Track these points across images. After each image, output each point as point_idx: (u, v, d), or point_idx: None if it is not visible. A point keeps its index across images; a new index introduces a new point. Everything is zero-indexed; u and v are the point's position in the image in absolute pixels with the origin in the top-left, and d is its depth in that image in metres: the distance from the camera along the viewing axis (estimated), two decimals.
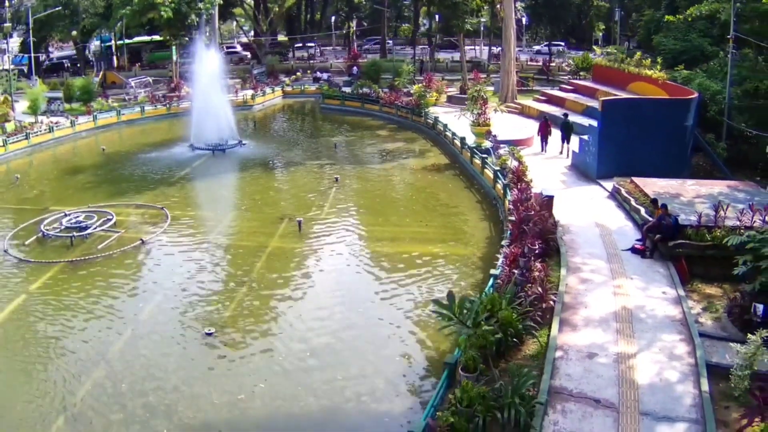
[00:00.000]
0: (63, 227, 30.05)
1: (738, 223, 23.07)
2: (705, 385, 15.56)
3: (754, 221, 22.79)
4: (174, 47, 70.89)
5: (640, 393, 15.58)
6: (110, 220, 30.93)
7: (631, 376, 16.24)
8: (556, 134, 40.80)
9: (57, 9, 73.70)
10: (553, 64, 77.27)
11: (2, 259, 27.44)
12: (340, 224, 31.44)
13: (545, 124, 41.03)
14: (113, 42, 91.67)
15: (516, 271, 19.47)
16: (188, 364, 19.37)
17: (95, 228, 30.02)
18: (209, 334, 20.55)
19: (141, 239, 28.77)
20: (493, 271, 20.72)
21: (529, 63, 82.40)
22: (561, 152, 39.59)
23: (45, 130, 50.84)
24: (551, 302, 19.13)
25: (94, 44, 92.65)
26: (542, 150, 40.52)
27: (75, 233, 29.25)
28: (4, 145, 46.39)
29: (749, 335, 15.89)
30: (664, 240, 23.10)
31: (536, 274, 19.38)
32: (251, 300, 23.53)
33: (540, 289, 18.78)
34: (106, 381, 18.38)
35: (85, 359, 19.61)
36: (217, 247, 29.13)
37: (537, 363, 16.52)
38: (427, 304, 21.20)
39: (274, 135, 57.69)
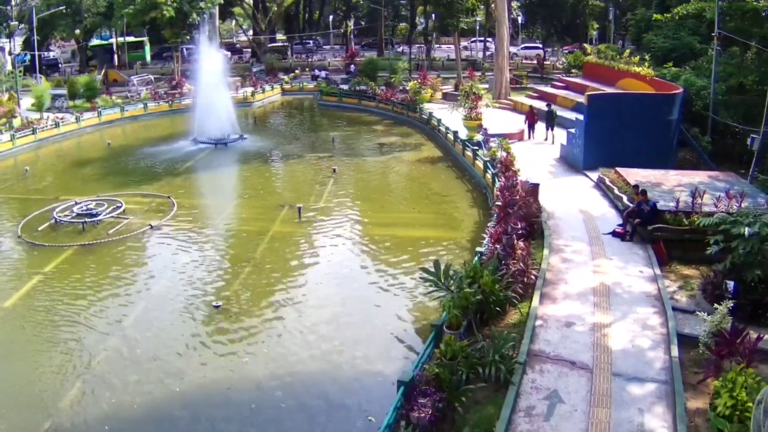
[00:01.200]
0: (74, 214, 31.54)
1: (714, 208, 24.01)
2: (675, 352, 16.85)
3: (731, 207, 23.79)
4: (147, 48, 72.12)
5: (614, 357, 16.94)
6: (119, 207, 32.49)
7: (605, 343, 17.64)
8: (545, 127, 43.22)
9: (60, 9, 74.94)
10: (547, 63, 78.71)
11: (17, 243, 29.01)
12: (338, 211, 33.10)
13: (531, 114, 44.23)
14: (114, 41, 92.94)
15: (498, 246, 20.99)
16: (197, 333, 20.98)
17: (105, 215, 31.58)
18: (216, 307, 22.22)
19: (150, 224, 30.33)
20: (478, 249, 22.23)
21: (523, 62, 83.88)
22: (546, 138, 42.59)
23: (51, 125, 52.32)
24: (532, 277, 20.61)
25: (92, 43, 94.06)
26: (529, 137, 43.29)
27: (86, 220, 30.75)
28: (12, 140, 47.77)
29: (716, 305, 17.41)
30: (643, 224, 24.38)
31: (519, 252, 20.81)
32: (255, 277, 25.23)
33: (522, 265, 20.25)
34: (123, 347, 20.03)
35: (101, 329, 21.22)
36: (222, 231, 30.97)
37: (518, 330, 17.97)
38: (418, 282, 22.67)
39: (274, 130, 59.24)
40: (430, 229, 29.59)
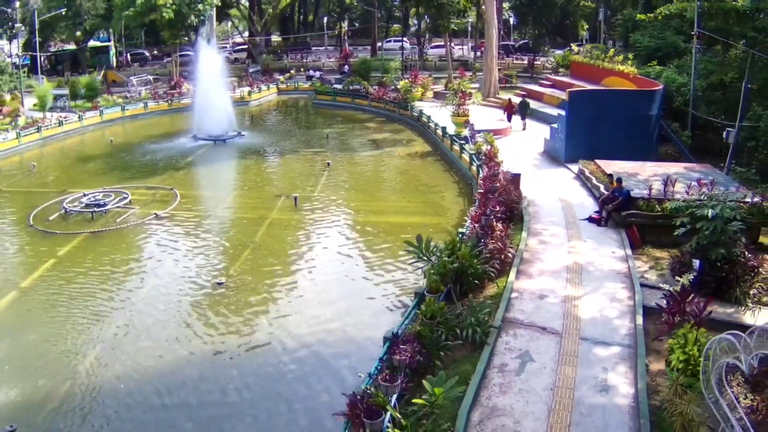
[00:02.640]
0: (83, 204, 33.32)
1: (686, 196, 25.30)
2: (639, 320, 18.49)
3: (701, 194, 24.97)
4: (112, 53, 73.68)
5: (582, 324, 18.67)
6: (126, 198, 34.32)
7: (575, 312, 19.37)
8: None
9: (62, 11, 76.41)
10: (538, 62, 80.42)
11: (30, 231, 30.77)
12: (331, 200, 35.13)
13: (510, 106, 48.20)
14: (113, 43, 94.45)
15: (477, 225, 22.82)
16: (203, 305, 22.97)
17: (113, 205, 33.38)
18: (220, 284, 24.18)
19: (155, 213, 32.14)
20: (460, 230, 24.04)
21: (514, 62, 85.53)
22: (523, 128, 46.93)
23: (55, 123, 54.02)
24: (510, 255, 22.36)
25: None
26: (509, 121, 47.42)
27: (95, 209, 32.54)
28: (17, 138, 49.46)
29: (677, 277, 19.22)
30: (617, 210, 26.11)
31: (498, 232, 22.55)
32: (255, 258, 27.23)
33: (500, 244, 21.98)
34: (134, 319, 21.96)
35: (114, 304, 23.17)
36: (223, 218, 33.07)
37: (495, 301, 19.67)
38: (405, 262, 24.56)
39: (271, 127, 61.14)
40: (418, 216, 31.53)
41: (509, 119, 47.96)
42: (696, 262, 20.43)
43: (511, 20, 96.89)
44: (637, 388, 15.37)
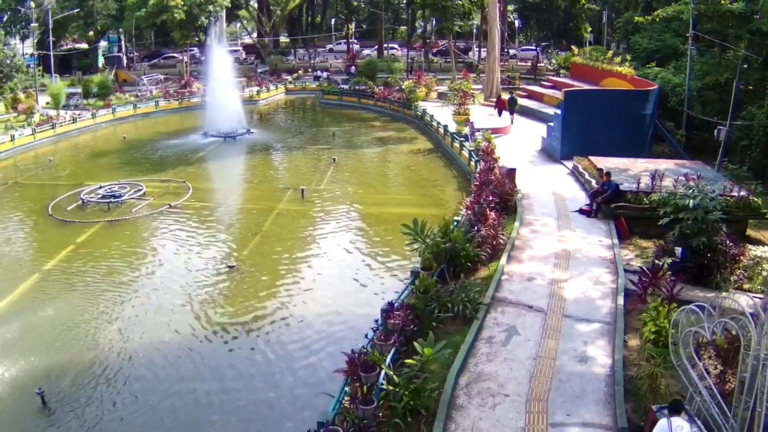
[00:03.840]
0: (100, 196, 34.98)
1: (673, 189, 26.08)
2: (620, 300, 19.89)
3: (687, 187, 26.65)
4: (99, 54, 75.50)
5: (566, 303, 20.16)
6: (140, 190, 36.02)
7: (560, 293, 20.87)
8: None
9: (75, 11, 78.01)
10: (541, 64, 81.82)
11: (49, 220, 32.39)
12: (337, 193, 36.88)
13: (501, 103, 50.72)
14: (123, 43, 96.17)
15: (470, 213, 24.37)
16: (215, 286, 24.74)
17: (128, 196, 35.04)
18: (231, 267, 25.86)
19: (168, 204, 33.82)
20: (455, 218, 25.55)
21: (518, 63, 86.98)
22: (510, 122, 49.39)
23: (69, 120, 55.75)
24: (501, 241, 23.90)
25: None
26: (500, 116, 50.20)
27: (111, 200, 34.22)
28: (33, 134, 51.17)
29: (657, 261, 20.73)
30: (606, 202, 27.55)
31: (490, 220, 24.06)
32: (263, 244, 28.97)
33: (492, 231, 23.52)
34: (152, 297, 23.74)
35: (132, 285, 24.87)
36: (233, 209, 35.10)
37: (486, 283, 21.21)
38: (404, 248, 26.12)
39: (279, 125, 62.95)
40: (418, 208, 33.11)
41: (500, 114, 50.41)
42: (678, 250, 21.70)
43: (516, 23, 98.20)
44: (614, 359, 16.76)
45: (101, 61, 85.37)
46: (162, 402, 17.68)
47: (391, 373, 14.54)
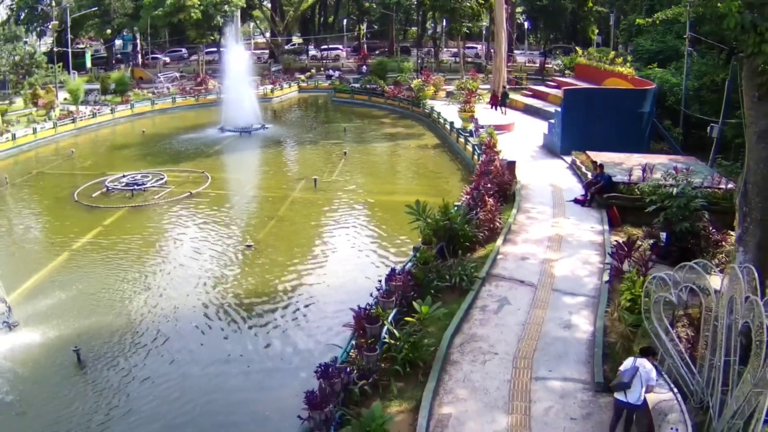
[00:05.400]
0: (123, 184, 37.15)
1: (663, 181, 27.91)
2: (606, 277, 21.62)
3: (675, 178, 27.44)
4: (88, 55, 77.57)
5: (555, 279, 21.98)
6: (162, 178, 38.21)
7: (551, 271, 22.68)
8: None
9: (93, 9, 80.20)
10: (549, 65, 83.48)
11: (76, 205, 34.62)
12: (347, 183, 39.12)
13: (495, 96, 54.44)
14: (139, 41, 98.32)
15: (469, 197, 26.32)
16: (235, 263, 27.03)
17: (150, 184, 37.19)
18: (249, 246, 28.04)
19: (189, 192, 36.00)
20: (456, 203, 27.43)
21: (527, 64, 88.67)
22: (503, 113, 52.54)
23: (89, 115, 58.08)
24: (498, 225, 25.78)
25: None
26: (494, 109, 54.46)
27: (134, 187, 36.36)
28: (54, 127, 53.47)
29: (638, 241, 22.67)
30: (599, 192, 29.27)
31: (489, 206, 25.95)
32: (279, 227, 31.39)
33: (490, 215, 25.43)
34: (175, 271, 26.07)
35: (157, 262, 27.13)
36: (250, 197, 37.49)
37: (483, 261, 23.15)
38: (408, 231, 28.00)
39: (292, 121, 65.49)
40: (423, 197, 34.08)
41: (495, 108, 54.13)
42: (663, 235, 23.47)
43: (526, 25, 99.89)
44: (595, 327, 18.58)
45: (89, 62, 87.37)
46: (187, 357, 19.77)
47: (393, 328, 16.52)
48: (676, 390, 13.99)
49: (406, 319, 17.31)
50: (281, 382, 18.65)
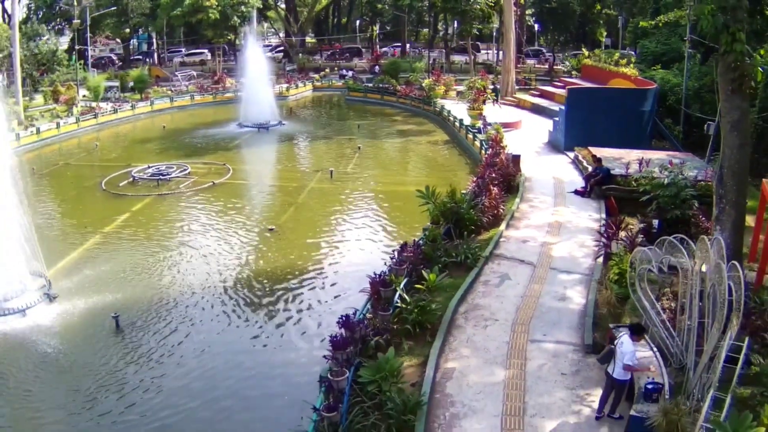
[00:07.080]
0: (149, 174, 39.31)
1: (657, 173, 29.27)
2: (600, 259, 23.47)
3: (669, 170, 28.91)
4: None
5: (553, 259, 23.87)
6: (186, 169, 40.32)
7: (549, 252, 24.56)
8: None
9: (112, 9, 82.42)
10: (558, 66, 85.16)
11: (104, 193, 36.89)
12: (361, 174, 41.42)
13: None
14: (155, 41, 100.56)
15: (474, 185, 28.30)
16: (258, 244, 29.21)
17: (175, 174, 39.34)
18: (271, 230, 30.32)
19: (212, 181, 38.13)
20: (463, 191, 29.33)
21: (536, 66, 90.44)
22: (499, 107, 55.27)
23: (110, 111, 60.36)
24: (501, 211, 27.68)
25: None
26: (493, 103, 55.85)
27: (159, 177, 38.54)
28: (77, 122, 55.73)
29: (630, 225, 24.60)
30: (598, 184, 31.10)
31: (493, 195, 27.78)
32: (298, 213, 33.78)
33: (495, 202, 27.35)
34: (202, 250, 28.12)
35: (184, 243, 29.24)
36: (270, 186, 39.86)
37: (487, 242, 25.06)
38: (418, 216, 29.90)
39: (308, 118, 67.59)
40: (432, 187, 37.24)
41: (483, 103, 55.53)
42: (655, 222, 25.17)
43: (536, 27, 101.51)
44: (587, 299, 20.47)
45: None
46: (216, 326, 21.86)
47: (404, 293, 18.55)
48: (656, 350, 15.78)
49: (416, 286, 19.33)
50: (307, 342, 20.88)
